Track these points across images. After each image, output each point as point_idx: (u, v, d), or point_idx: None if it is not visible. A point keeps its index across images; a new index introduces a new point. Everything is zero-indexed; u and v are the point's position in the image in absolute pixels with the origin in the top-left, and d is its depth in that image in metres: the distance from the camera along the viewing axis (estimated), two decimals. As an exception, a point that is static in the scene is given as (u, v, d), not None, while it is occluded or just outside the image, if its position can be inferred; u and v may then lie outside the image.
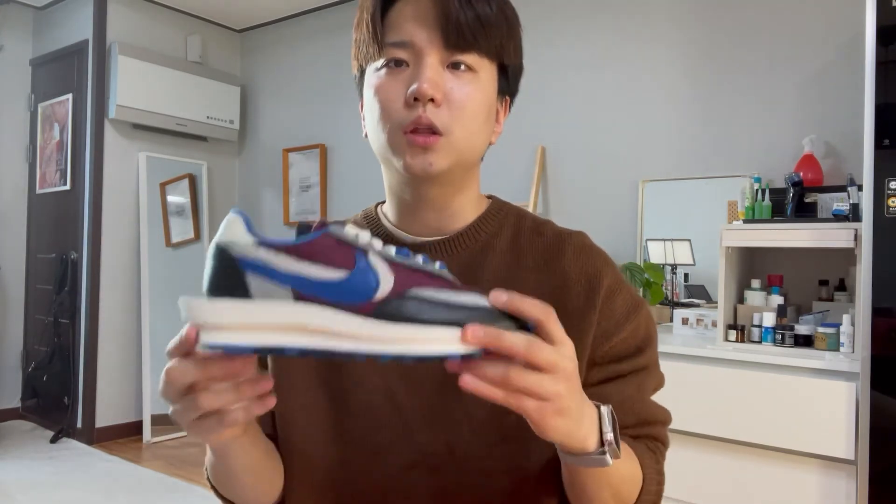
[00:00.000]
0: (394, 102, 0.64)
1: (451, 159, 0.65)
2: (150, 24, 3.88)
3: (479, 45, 0.64)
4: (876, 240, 1.76)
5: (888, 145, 1.75)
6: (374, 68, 0.67)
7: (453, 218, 0.72)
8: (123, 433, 3.73)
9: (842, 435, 1.80)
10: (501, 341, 0.45)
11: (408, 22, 0.64)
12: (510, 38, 0.68)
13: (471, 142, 0.66)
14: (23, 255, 4.08)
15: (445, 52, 0.64)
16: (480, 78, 0.66)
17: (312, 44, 4.00)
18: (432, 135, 0.63)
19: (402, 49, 0.64)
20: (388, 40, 0.65)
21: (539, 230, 0.73)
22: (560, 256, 0.70)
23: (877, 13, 1.76)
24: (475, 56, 0.65)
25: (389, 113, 0.65)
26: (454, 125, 0.64)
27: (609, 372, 0.68)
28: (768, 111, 2.52)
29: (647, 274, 2.52)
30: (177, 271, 3.95)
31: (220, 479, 0.67)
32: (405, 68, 0.65)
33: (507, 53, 0.68)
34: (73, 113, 3.77)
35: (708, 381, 2.02)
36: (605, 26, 2.91)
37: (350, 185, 3.84)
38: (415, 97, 0.63)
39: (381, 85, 0.65)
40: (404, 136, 0.64)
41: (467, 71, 0.65)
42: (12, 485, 2.95)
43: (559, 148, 3.03)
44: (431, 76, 0.63)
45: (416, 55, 0.64)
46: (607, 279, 0.69)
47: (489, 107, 0.68)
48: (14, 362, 4.03)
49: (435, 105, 0.63)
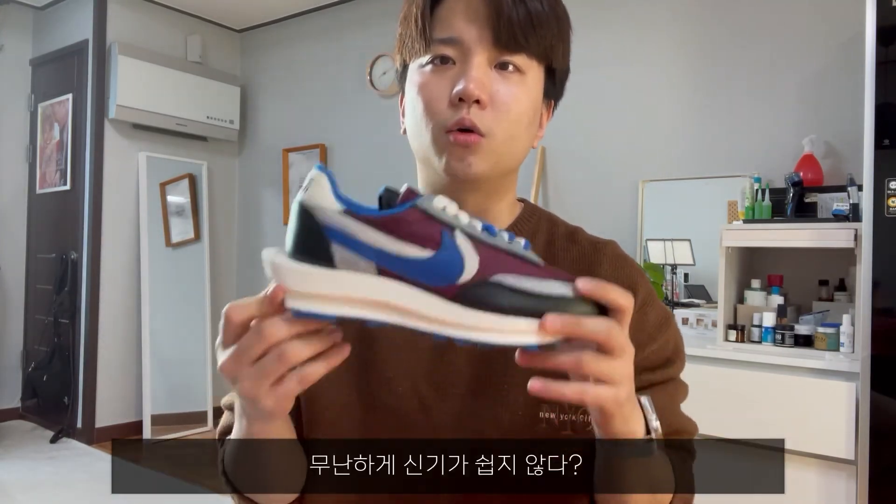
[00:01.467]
0: (438, 101, 0.63)
1: (491, 162, 0.64)
2: (150, 24, 3.88)
3: (529, 46, 0.63)
4: (876, 240, 1.76)
5: (888, 145, 1.75)
6: (418, 64, 0.65)
7: (491, 222, 0.71)
8: (123, 433, 3.73)
9: (842, 435, 1.80)
10: (583, 328, 0.45)
11: (457, 18, 0.63)
12: (560, 40, 0.65)
13: (512, 145, 0.65)
14: (23, 255, 4.08)
15: (494, 52, 0.62)
16: (527, 80, 0.64)
17: (312, 44, 4.00)
18: (473, 135, 0.62)
19: (450, 46, 0.62)
20: (436, 36, 0.63)
21: (573, 237, 0.73)
22: (596, 266, 0.70)
23: (877, 13, 1.77)
24: (524, 57, 0.63)
25: (433, 112, 0.63)
26: (497, 127, 0.63)
27: (642, 381, 0.67)
28: (768, 111, 2.52)
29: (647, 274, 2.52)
30: (177, 271, 3.95)
31: (248, 468, 0.63)
32: (451, 66, 0.63)
33: (556, 56, 0.66)
34: (73, 113, 3.77)
35: (708, 381, 2.02)
36: (606, 26, 2.91)
37: (350, 185, 3.83)
38: (460, 97, 0.61)
39: (426, 82, 0.64)
40: (447, 136, 0.62)
41: (515, 72, 0.63)
42: (12, 485, 2.95)
43: (559, 148, 3.03)
44: (478, 76, 0.61)
45: (463, 53, 0.62)
46: (642, 291, 0.69)
47: (534, 110, 0.67)
48: (14, 362, 4.03)
49: (480, 107, 0.61)
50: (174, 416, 3.82)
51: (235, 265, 4.39)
